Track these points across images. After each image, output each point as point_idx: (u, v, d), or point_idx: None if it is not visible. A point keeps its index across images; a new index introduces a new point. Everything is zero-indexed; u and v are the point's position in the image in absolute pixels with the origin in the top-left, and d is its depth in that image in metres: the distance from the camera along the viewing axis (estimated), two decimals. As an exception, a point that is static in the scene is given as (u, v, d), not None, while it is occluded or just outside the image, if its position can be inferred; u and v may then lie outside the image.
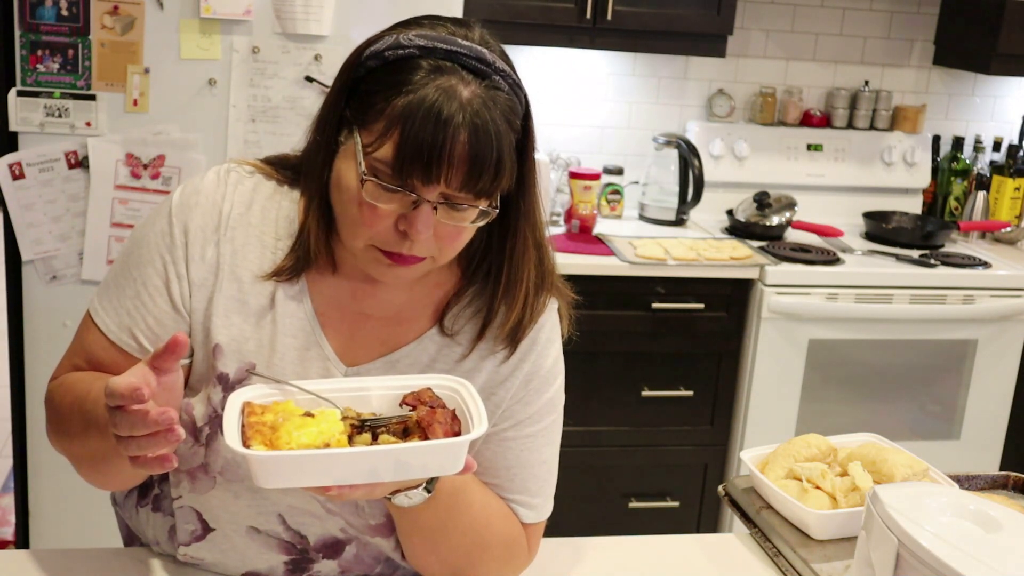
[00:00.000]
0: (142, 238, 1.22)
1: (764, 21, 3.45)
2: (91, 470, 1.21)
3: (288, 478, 0.98)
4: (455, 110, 1.05)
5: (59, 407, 1.21)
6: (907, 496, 1.19)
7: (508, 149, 1.10)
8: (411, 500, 1.11)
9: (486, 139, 1.06)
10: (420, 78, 1.07)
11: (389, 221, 1.09)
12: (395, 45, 1.10)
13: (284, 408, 1.03)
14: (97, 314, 1.22)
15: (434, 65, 1.08)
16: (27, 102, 2.38)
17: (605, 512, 3.06)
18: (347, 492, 1.01)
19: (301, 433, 0.98)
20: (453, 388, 1.09)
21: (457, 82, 1.07)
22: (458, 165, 1.06)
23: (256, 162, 1.27)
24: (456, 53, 1.09)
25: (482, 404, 1.05)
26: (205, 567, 1.30)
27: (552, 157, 3.28)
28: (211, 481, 1.22)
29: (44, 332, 2.48)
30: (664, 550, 1.50)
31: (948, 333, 3.08)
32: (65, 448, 1.22)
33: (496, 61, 1.11)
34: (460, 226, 1.11)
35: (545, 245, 1.24)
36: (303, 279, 1.21)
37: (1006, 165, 3.57)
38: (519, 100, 1.13)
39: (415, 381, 1.10)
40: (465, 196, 1.08)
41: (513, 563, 1.29)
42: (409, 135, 1.05)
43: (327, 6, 2.40)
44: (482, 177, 1.07)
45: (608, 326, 2.90)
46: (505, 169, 1.10)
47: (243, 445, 0.97)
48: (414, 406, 1.06)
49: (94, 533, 2.53)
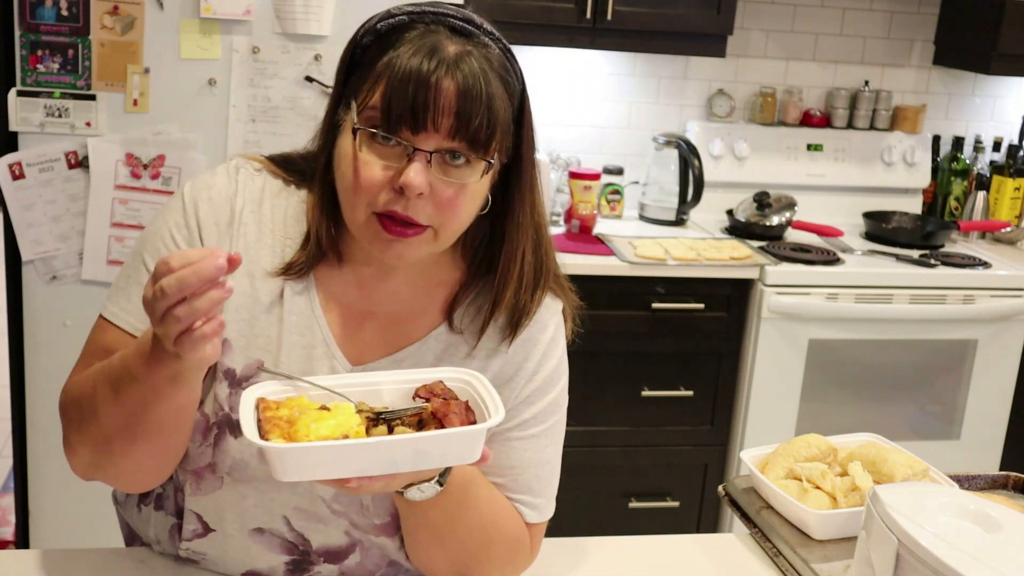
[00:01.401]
0: (155, 232, 1.22)
1: (764, 21, 3.45)
2: (126, 444, 1.12)
3: (309, 470, 0.98)
4: (442, 57, 1.08)
5: (80, 396, 1.16)
6: (907, 496, 1.19)
7: (501, 101, 1.10)
8: (423, 494, 1.11)
9: (474, 82, 1.08)
10: (408, 36, 1.10)
11: (384, 178, 1.09)
12: (385, 16, 1.13)
13: (299, 403, 1.03)
14: (116, 316, 1.20)
15: (423, 29, 1.11)
16: (27, 102, 2.38)
17: (605, 512, 3.06)
18: (366, 484, 1.00)
19: (319, 426, 0.99)
20: (465, 380, 1.09)
21: (445, 39, 1.10)
22: (446, 108, 1.07)
23: (263, 159, 1.27)
24: (444, 15, 1.12)
25: (496, 394, 1.05)
26: (205, 564, 1.30)
27: (552, 157, 3.28)
28: (218, 481, 1.22)
29: (44, 332, 2.48)
30: (664, 550, 1.50)
31: (948, 333, 3.08)
32: (94, 437, 1.14)
33: (484, 24, 1.13)
34: (458, 186, 1.10)
35: (544, 231, 1.24)
36: (311, 276, 1.21)
37: (1006, 165, 3.58)
38: (512, 67, 1.14)
39: (426, 375, 1.10)
40: (458, 145, 1.08)
41: (516, 562, 1.29)
42: (395, 81, 1.07)
43: (327, 6, 2.41)
44: (471, 121, 1.07)
45: (608, 326, 2.90)
46: (498, 118, 1.10)
47: (261, 439, 0.97)
48: (427, 398, 1.06)
49: (94, 533, 2.52)
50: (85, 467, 1.18)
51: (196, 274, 0.93)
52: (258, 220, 1.22)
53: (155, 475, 1.21)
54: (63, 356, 1.23)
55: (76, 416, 1.17)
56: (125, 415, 1.09)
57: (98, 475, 1.19)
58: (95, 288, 2.45)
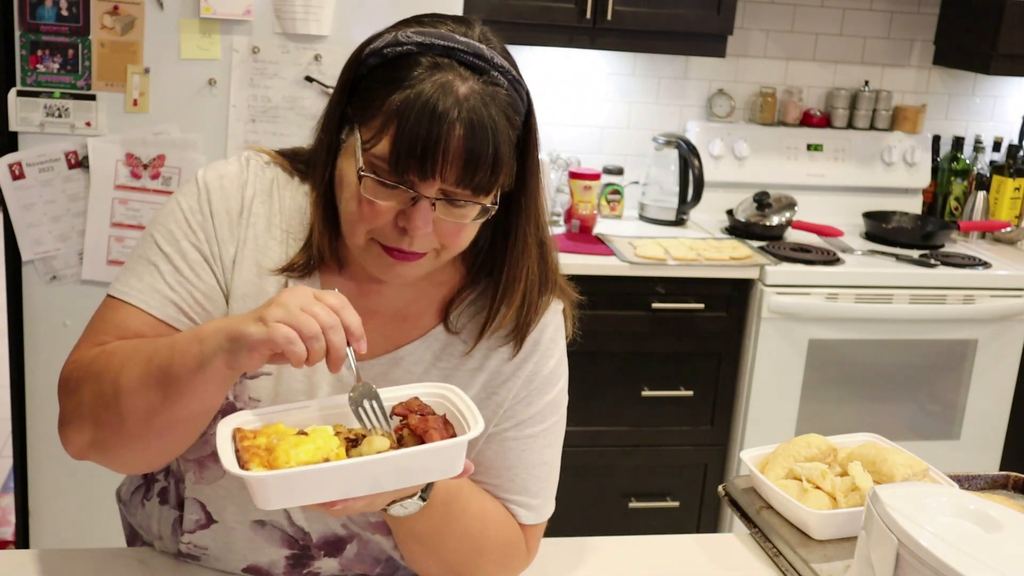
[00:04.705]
0: (169, 215, 1.21)
1: (764, 21, 3.45)
2: (145, 428, 1.09)
3: (293, 495, 0.98)
4: (451, 105, 1.06)
5: (99, 373, 1.12)
6: (907, 496, 1.19)
7: (506, 145, 1.10)
8: (406, 510, 1.11)
9: (482, 134, 1.07)
10: (417, 74, 1.08)
11: (388, 217, 1.10)
12: (393, 42, 1.11)
13: (276, 430, 1.03)
14: (128, 295, 1.18)
15: (432, 61, 1.08)
16: (27, 102, 2.38)
17: (605, 512, 3.06)
18: (350, 504, 1.01)
19: (299, 451, 0.98)
20: (441, 395, 1.09)
21: (454, 78, 1.07)
22: (454, 160, 1.06)
23: (271, 152, 1.27)
24: (454, 49, 1.09)
25: (474, 405, 1.05)
26: (206, 559, 1.30)
27: (552, 157, 3.28)
28: (221, 470, 1.22)
29: (44, 332, 2.48)
30: (664, 550, 1.50)
31: (948, 333, 3.08)
32: (107, 418, 1.11)
33: (495, 57, 1.11)
34: (460, 223, 1.11)
35: (548, 244, 1.24)
36: (315, 275, 1.22)
37: (1006, 165, 3.57)
38: (519, 97, 1.13)
39: (400, 392, 1.10)
40: (463, 192, 1.09)
41: (511, 565, 1.29)
42: (405, 130, 1.06)
43: (327, 6, 2.40)
44: (478, 172, 1.07)
45: (608, 326, 2.90)
46: (503, 165, 1.10)
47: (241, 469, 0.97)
48: (405, 415, 1.05)
49: (94, 533, 2.53)
50: (84, 446, 1.15)
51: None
52: (268, 211, 1.22)
53: (157, 461, 1.20)
54: (63, 356, 1.22)
55: (89, 397, 1.13)
56: (161, 403, 1.07)
57: (96, 455, 1.16)
58: (95, 288, 2.45)
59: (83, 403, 1.14)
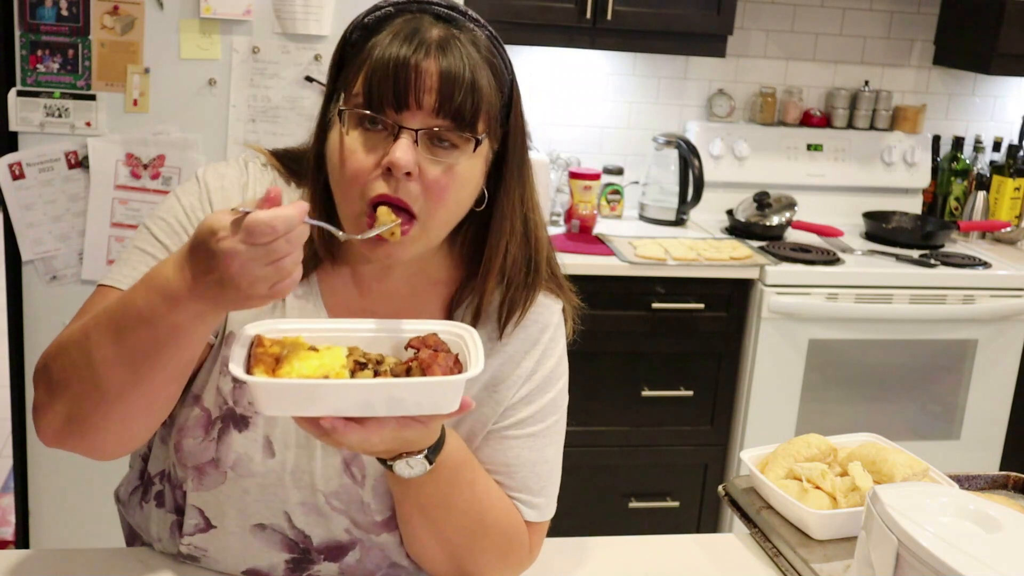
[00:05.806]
0: (168, 210, 1.21)
1: (764, 21, 3.45)
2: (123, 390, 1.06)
3: (282, 405, 1.00)
4: (423, 38, 1.09)
5: (68, 347, 1.10)
6: (907, 496, 1.19)
7: (485, 78, 1.11)
8: (412, 469, 1.11)
9: (456, 59, 1.09)
10: (391, 24, 1.12)
11: (372, 162, 1.09)
12: (372, 10, 1.15)
13: (293, 342, 1.05)
14: (119, 281, 1.17)
15: (407, 16, 1.12)
16: (27, 102, 2.38)
17: (605, 512, 3.06)
18: (340, 428, 0.99)
19: (303, 365, 1.00)
20: (459, 334, 1.09)
21: (427, 24, 1.11)
22: (429, 86, 1.07)
23: (267, 153, 1.28)
24: (428, 3, 1.13)
25: (482, 351, 1.05)
26: (206, 561, 1.30)
27: (552, 157, 3.28)
28: (221, 476, 1.22)
29: (44, 332, 2.48)
30: (664, 550, 1.50)
31: (948, 333, 3.09)
32: (80, 390, 1.08)
33: (469, 11, 1.14)
34: (446, 167, 1.10)
35: (536, 222, 1.23)
36: (313, 276, 1.22)
37: (1006, 165, 3.58)
38: (498, 50, 1.15)
39: (424, 326, 1.11)
40: (443, 122, 1.09)
41: (512, 556, 1.28)
42: (378, 60, 1.09)
43: (327, 6, 2.41)
44: (455, 96, 1.08)
45: (608, 326, 2.90)
46: (483, 95, 1.10)
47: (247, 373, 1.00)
48: (419, 348, 1.07)
49: (94, 533, 2.53)
50: (59, 427, 1.11)
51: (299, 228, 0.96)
52: None
53: (132, 437, 1.15)
54: (63, 356, 1.22)
55: (58, 371, 1.10)
56: (128, 358, 1.04)
57: (72, 437, 1.12)
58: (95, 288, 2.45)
59: (53, 379, 1.11)
